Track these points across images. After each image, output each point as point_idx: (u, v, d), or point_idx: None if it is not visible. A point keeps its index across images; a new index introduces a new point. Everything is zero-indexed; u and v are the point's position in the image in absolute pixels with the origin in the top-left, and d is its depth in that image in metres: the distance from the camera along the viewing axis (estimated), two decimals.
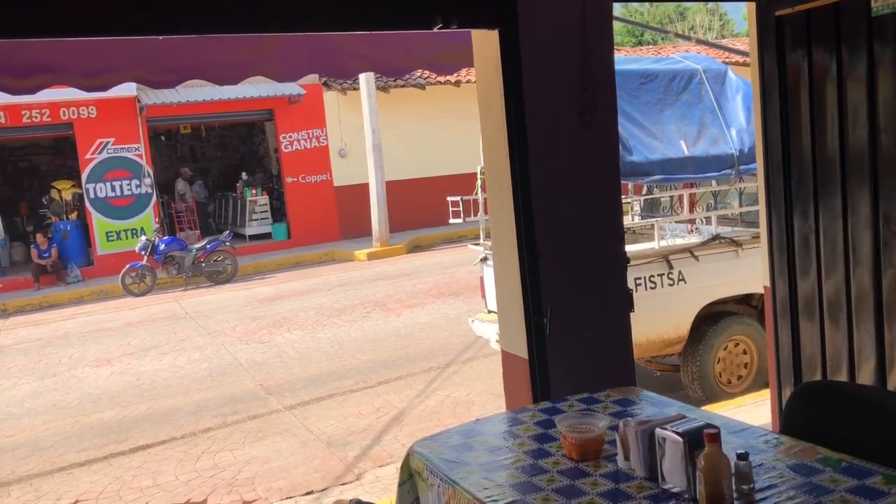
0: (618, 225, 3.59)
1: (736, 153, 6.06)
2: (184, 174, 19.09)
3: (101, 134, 15.86)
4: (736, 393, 5.94)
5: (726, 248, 5.97)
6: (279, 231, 17.84)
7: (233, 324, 10.61)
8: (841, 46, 3.54)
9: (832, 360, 3.80)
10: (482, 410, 6.06)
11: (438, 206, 11.14)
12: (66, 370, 8.99)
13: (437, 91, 17.59)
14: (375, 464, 5.42)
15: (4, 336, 11.59)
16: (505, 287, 3.58)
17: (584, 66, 3.35)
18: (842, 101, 3.57)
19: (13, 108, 14.88)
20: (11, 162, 19.73)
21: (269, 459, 5.69)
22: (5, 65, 3.68)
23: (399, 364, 7.81)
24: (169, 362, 8.87)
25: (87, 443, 6.45)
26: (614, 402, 2.97)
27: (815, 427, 2.52)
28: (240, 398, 7.24)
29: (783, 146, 3.91)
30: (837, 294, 3.72)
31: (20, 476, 5.88)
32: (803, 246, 3.89)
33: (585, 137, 3.42)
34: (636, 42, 31.89)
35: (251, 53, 4.16)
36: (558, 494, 2.24)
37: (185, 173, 19.14)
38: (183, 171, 19.26)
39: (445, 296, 10.93)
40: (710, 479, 1.98)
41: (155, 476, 5.61)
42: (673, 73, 6.28)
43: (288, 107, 17.44)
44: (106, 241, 16.07)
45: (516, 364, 3.51)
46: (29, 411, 7.49)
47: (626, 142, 5.66)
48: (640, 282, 5.67)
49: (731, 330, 5.99)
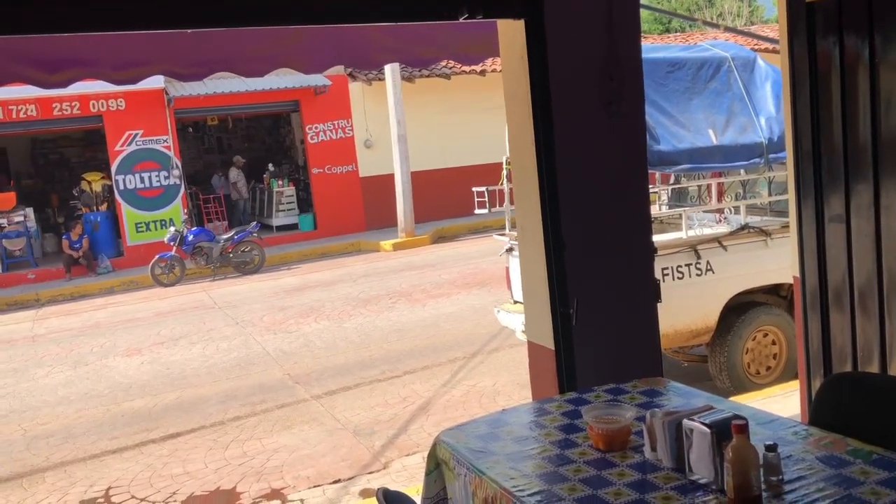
0: (645, 215, 3.57)
1: (765, 142, 5.99)
2: (237, 162, 19.00)
3: (129, 126, 16.04)
4: (764, 384, 5.89)
5: (755, 237, 5.91)
6: (305, 222, 17.94)
7: (260, 314, 10.70)
8: (874, 32, 3.48)
9: (863, 352, 3.75)
10: (508, 401, 6.07)
11: (463, 197, 11.14)
12: (98, 359, 9.13)
13: (463, 81, 17.54)
14: (402, 453, 5.45)
15: (38, 326, 11.80)
16: (531, 277, 3.58)
17: (610, 55, 3.33)
18: (874, 88, 3.52)
19: (44, 101, 15.09)
20: (43, 154, 20.02)
21: (297, 448, 5.75)
22: (37, 59, 3.74)
23: (425, 354, 7.84)
24: (198, 352, 8.97)
25: (119, 431, 6.56)
26: (641, 392, 2.96)
27: (845, 419, 2.49)
28: (268, 387, 7.31)
29: (813, 134, 3.86)
30: (869, 284, 3.67)
31: (54, 463, 6.00)
32: (833, 235, 3.84)
33: (612, 127, 3.40)
34: (663, 30, 31.56)
35: (277, 46, 4.19)
36: (585, 485, 2.24)
37: (238, 161, 19.03)
38: (236, 159, 19.16)
39: (471, 286, 10.94)
40: (738, 470, 1.97)
41: (185, 464, 5.69)
42: (701, 60, 6.20)
43: (314, 98, 17.50)
44: (135, 232, 16.27)
45: (543, 355, 3.52)
46: (62, 399, 7.63)
47: (653, 131, 5.61)
48: (668, 272, 5.63)
49: (759, 320, 5.94)
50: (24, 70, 3.72)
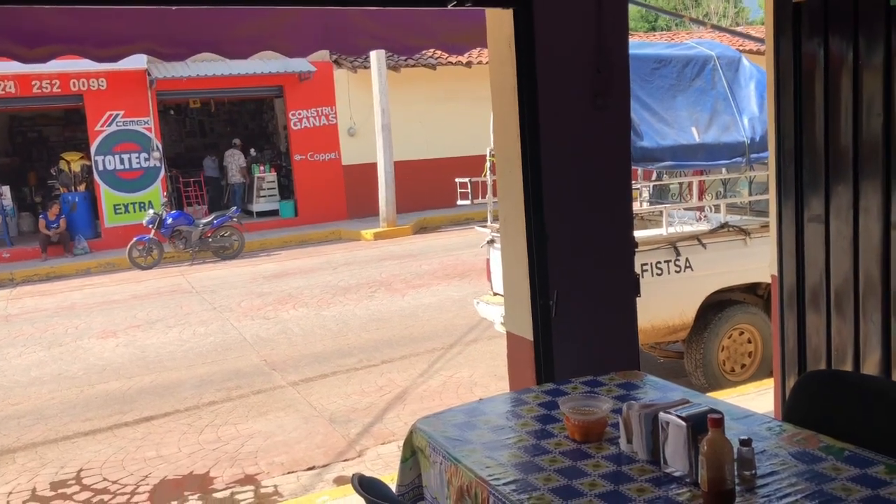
0: (627, 209, 3.58)
1: (747, 141, 6.02)
2: (236, 144, 18.57)
3: (110, 106, 15.85)
4: (739, 382, 5.94)
5: (734, 236, 5.95)
6: (286, 208, 17.85)
7: (238, 299, 10.64)
8: (858, 34, 3.50)
9: (837, 351, 3.79)
10: (485, 392, 6.08)
11: (446, 188, 11.10)
12: (72, 341, 9.04)
13: (448, 72, 17.51)
14: (377, 441, 5.45)
15: (12, 305, 11.65)
16: (512, 268, 3.58)
17: (598, 47, 3.32)
18: (857, 90, 3.54)
19: (24, 77, 14.87)
20: (21, 132, 19.75)
21: (272, 434, 5.73)
22: (16, 33, 3.67)
23: (403, 344, 7.83)
24: (174, 336, 8.91)
25: (92, 413, 6.50)
26: (618, 385, 2.97)
27: (819, 416, 2.52)
28: (244, 373, 7.27)
29: (796, 134, 3.88)
30: (845, 285, 3.70)
31: (25, 443, 5.93)
32: (812, 236, 3.87)
33: (598, 120, 3.40)
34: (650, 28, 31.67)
35: (262, 28, 4.14)
36: (560, 475, 2.24)
37: (238, 144, 18.61)
38: (235, 141, 18.74)
39: (451, 277, 10.94)
40: (713, 464, 1.98)
41: (158, 447, 5.65)
42: (686, 58, 6.22)
43: (298, 84, 17.39)
44: (114, 213, 16.11)
45: (521, 346, 3.52)
46: (35, 380, 7.55)
47: (637, 127, 5.62)
48: (647, 268, 5.66)
49: (736, 318, 5.98)
50: (3, 44, 3.65)
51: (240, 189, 18.41)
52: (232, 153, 18.38)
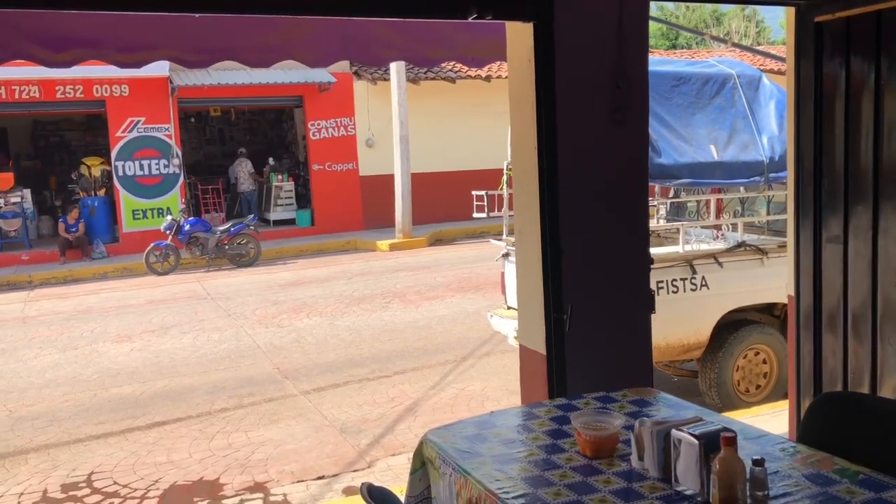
0: (644, 226, 3.57)
1: (766, 160, 6.00)
2: (242, 153, 18.51)
3: (132, 113, 16.01)
4: (753, 402, 5.88)
5: (751, 255, 5.91)
6: (303, 217, 17.92)
7: (253, 307, 10.67)
8: (881, 56, 3.48)
9: (854, 374, 3.75)
10: (497, 405, 6.05)
11: (462, 201, 11.13)
12: (88, 344, 9.09)
13: (467, 85, 17.57)
14: (387, 452, 5.43)
15: (29, 307, 11.75)
16: (527, 282, 3.57)
17: (618, 63, 3.32)
18: (878, 111, 3.52)
19: (48, 82, 15.06)
20: (43, 136, 19.97)
21: (283, 442, 5.73)
22: (42, 37, 3.72)
23: (416, 355, 7.82)
24: (188, 342, 8.94)
25: (105, 416, 6.53)
26: (631, 401, 2.95)
27: (834, 438, 2.49)
28: (256, 380, 7.29)
29: (815, 155, 3.86)
30: (863, 307, 3.67)
31: (38, 445, 5.97)
32: (830, 257, 3.84)
33: (616, 136, 3.40)
34: (670, 45, 31.62)
35: (284, 37, 4.17)
36: (570, 490, 2.23)
37: (243, 152, 18.55)
38: (241, 150, 18.67)
39: (465, 290, 10.93)
40: (725, 483, 1.96)
41: (169, 453, 5.66)
42: (706, 76, 6.21)
43: (318, 94, 17.50)
44: (132, 218, 16.23)
45: (534, 359, 3.51)
46: (49, 382, 7.60)
47: (655, 143, 5.61)
48: (663, 285, 5.63)
49: (751, 338, 5.94)
50: (29, 48, 3.71)
51: (252, 196, 18.47)
52: (239, 162, 18.49)
